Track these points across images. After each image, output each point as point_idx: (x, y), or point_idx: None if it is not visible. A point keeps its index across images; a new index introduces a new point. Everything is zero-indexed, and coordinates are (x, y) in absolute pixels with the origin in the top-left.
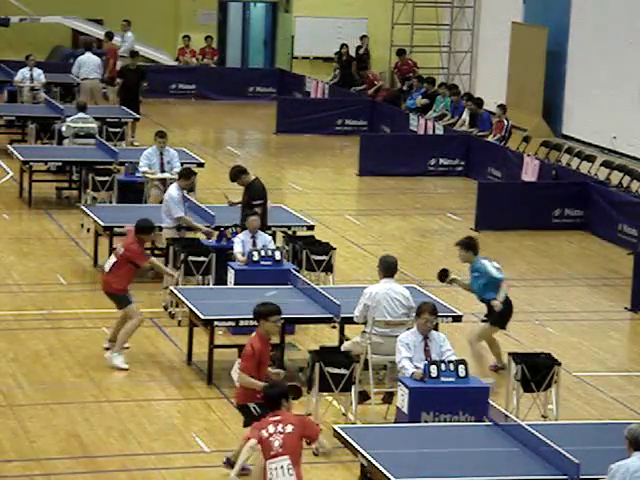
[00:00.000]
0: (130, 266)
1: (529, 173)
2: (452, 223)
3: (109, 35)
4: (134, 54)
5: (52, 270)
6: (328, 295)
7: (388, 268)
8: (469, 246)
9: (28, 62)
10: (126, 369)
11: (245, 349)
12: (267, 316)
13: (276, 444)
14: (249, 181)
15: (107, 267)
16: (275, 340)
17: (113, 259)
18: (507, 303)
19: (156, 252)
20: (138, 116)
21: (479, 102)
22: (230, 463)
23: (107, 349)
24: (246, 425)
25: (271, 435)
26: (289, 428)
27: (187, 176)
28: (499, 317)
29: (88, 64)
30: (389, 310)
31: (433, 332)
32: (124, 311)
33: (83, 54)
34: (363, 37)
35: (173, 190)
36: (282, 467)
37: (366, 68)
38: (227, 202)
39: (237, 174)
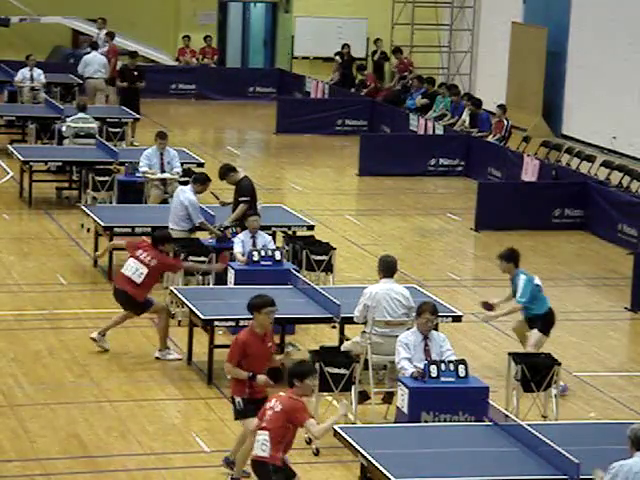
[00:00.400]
0: (159, 276)
1: (529, 173)
2: (452, 223)
3: (110, 35)
4: (134, 54)
5: (52, 270)
6: (328, 295)
7: (388, 268)
8: (510, 258)
9: (28, 62)
10: (179, 359)
11: (232, 340)
12: (260, 308)
13: (266, 417)
14: (237, 179)
15: (138, 279)
16: (275, 340)
17: (144, 269)
18: (551, 313)
19: None
20: (138, 116)
21: (478, 102)
22: (228, 463)
23: (94, 340)
24: (236, 418)
25: (267, 409)
26: (278, 407)
27: (203, 181)
28: (546, 325)
29: (93, 63)
30: (389, 310)
31: (433, 332)
32: (154, 310)
33: (89, 53)
34: (377, 40)
35: (192, 195)
36: (259, 440)
37: (382, 72)
38: (219, 203)
39: (226, 172)
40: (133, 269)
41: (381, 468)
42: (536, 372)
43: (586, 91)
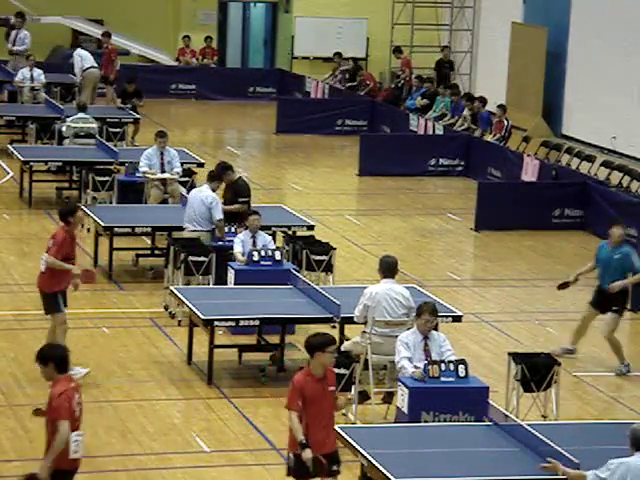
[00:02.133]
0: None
1: (529, 173)
2: (452, 223)
3: (107, 34)
4: (132, 80)
5: None
6: (328, 295)
7: (388, 268)
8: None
9: (28, 62)
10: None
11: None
12: (324, 347)
13: None
14: (234, 179)
15: (42, 267)
16: (275, 340)
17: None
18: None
19: (156, 252)
20: (138, 116)
21: (483, 101)
22: None
23: None
24: (288, 474)
25: None
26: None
27: (219, 178)
28: (623, 307)
29: (86, 56)
30: (389, 310)
31: (433, 332)
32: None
33: (75, 51)
34: (444, 48)
35: (212, 192)
36: None
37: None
38: None
39: (223, 170)
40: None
41: (381, 468)
42: (536, 372)
43: (586, 91)
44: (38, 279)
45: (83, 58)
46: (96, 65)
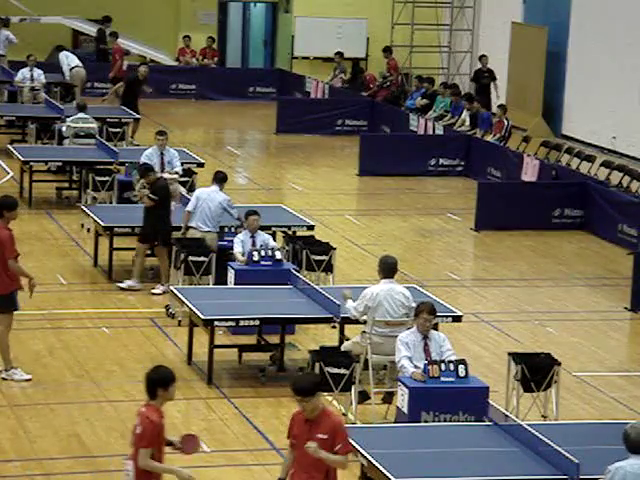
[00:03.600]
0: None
1: (529, 173)
2: (452, 223)
3: (114, 35)
4: (144, 63)
5: (52, 270)
6: (328, 295)
7: (388, 268)
8: None
9: (28, 62)
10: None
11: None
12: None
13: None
14: (153, 180)
15: None
16: (275, 340)
17: None
18: None
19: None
20: (138, 116)
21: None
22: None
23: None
24: None
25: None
26: (138, 429)
27: (226, 179)
28: None
29: (71, 56)
30: (390, 310)
31: (433, 332)
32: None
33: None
34: (482, 57)
35: (222, 193)
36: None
37: (487, 95)
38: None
39: (145, 171)
40: None
41: (381, 468)
42: (536, 372)
43: (586, 91)
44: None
45: (69, 58)
46: (81, 64)
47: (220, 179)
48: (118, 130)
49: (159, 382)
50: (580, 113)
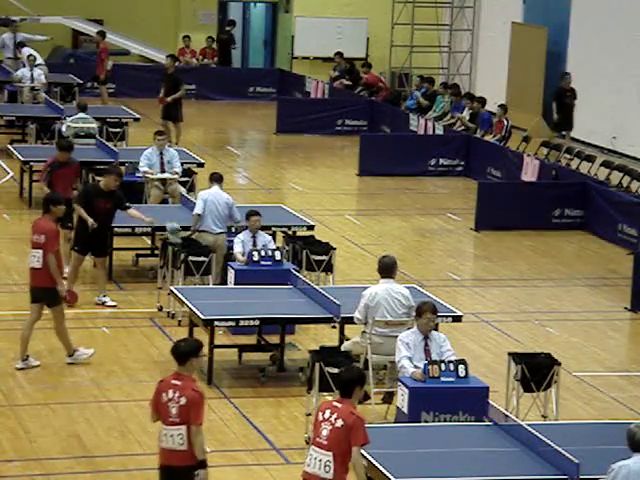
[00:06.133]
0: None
1: (529, 173)
2: (452, 223)
3: (102, 34)
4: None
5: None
6: (328, 295)
7: (388, 268)
8: None
9: (28, 62)
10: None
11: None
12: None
13: (324, 433)
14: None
15: (37, 264)
16: (275, 340)
17: (38, 251)
18: None
19: (156, 252)
20: (138, 116)
21: (482, 101)
22: None
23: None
24: None
25: (323, 421)
26: (339, 423)
27: (222, 178)
28: None
29: (33, 54)
30: (389, 310)
31: (433, 332)
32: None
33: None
34: (565, 75)
35: (225, 192)
36: (320, 460)
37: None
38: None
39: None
40: (32, 257)
41: (381, 468)
42: (536, 372)
43: (586, 91)
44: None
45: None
46: (44, 63)
47: (217, 179)
48: (118, 130)
49: (192, 352)
50: (580, 113)
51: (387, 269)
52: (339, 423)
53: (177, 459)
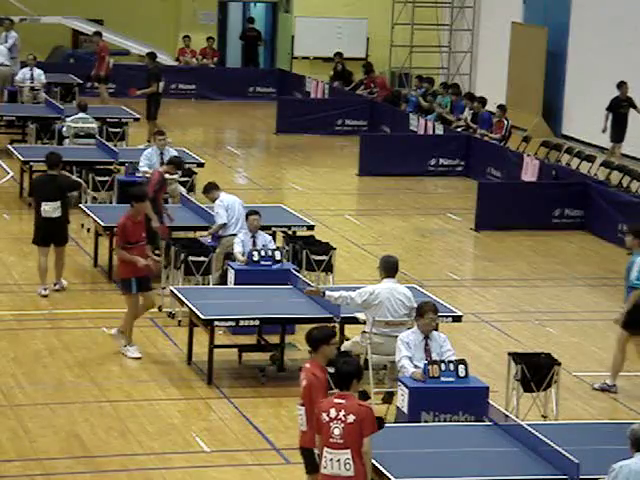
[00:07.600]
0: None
1: (529, 173)
2: (452, 223)
3: (98, 34)
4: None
5: (52, 270)
6: None
7: (389, 268)
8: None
9: (28, 62)
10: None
11: (311, 382)
12: (329, 340)
13: (337, 432)
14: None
15: None
16: (275, 340)
17: None
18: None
19: (157, 252)
20: (138, 116)
21: (483, 101)
22: None
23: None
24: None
25: (332, 420)
26: (351, 418)
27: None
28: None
29: (2, 51)
30: (391, 310)
31: (434, 332)
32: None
33: None
34: (622, 84)
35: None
36: (339, 461)
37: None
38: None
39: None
40: None
41: (381, 468)
42: (536, 372)
43: (586, 91)
44: None
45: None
46: (8, 63)
47: (216, 187)
48: (118, 130)
49: (323, 339)
50: (580, 113)
51: (389, 269)
52: (350, 419)
53: None
